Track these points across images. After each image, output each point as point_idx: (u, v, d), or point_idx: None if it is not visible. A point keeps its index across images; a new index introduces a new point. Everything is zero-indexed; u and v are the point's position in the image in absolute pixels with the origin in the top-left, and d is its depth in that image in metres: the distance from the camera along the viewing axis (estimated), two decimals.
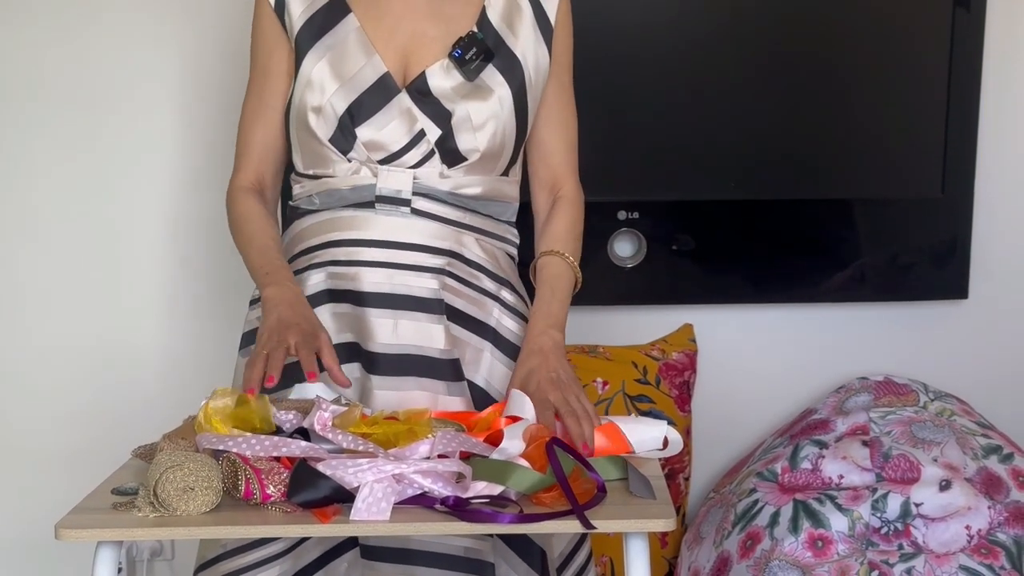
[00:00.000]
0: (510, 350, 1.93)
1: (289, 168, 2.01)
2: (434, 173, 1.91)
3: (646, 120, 2.69)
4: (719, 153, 2.71)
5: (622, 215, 2.69)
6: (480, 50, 1.91)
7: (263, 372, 1.67)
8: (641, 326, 2.79)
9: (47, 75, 2.70)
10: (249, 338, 1.98)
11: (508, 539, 1.85)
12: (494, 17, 1.95)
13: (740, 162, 2.73)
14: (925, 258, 2.80)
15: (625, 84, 2.67)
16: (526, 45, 1.95)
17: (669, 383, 2.71)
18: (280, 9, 1.94)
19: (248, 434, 1.62)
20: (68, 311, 2.77)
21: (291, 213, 2.01)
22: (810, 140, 2.75)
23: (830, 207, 2.76)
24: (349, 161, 1.91)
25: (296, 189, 1.99)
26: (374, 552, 1.81)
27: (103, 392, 2.79)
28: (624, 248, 2.72)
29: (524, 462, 1.60)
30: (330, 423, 1.64)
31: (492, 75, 1.92)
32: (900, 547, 2.40)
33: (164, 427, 1.82)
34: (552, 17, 1.98)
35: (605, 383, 2.64)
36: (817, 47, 2.72)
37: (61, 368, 2.78)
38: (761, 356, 2.88)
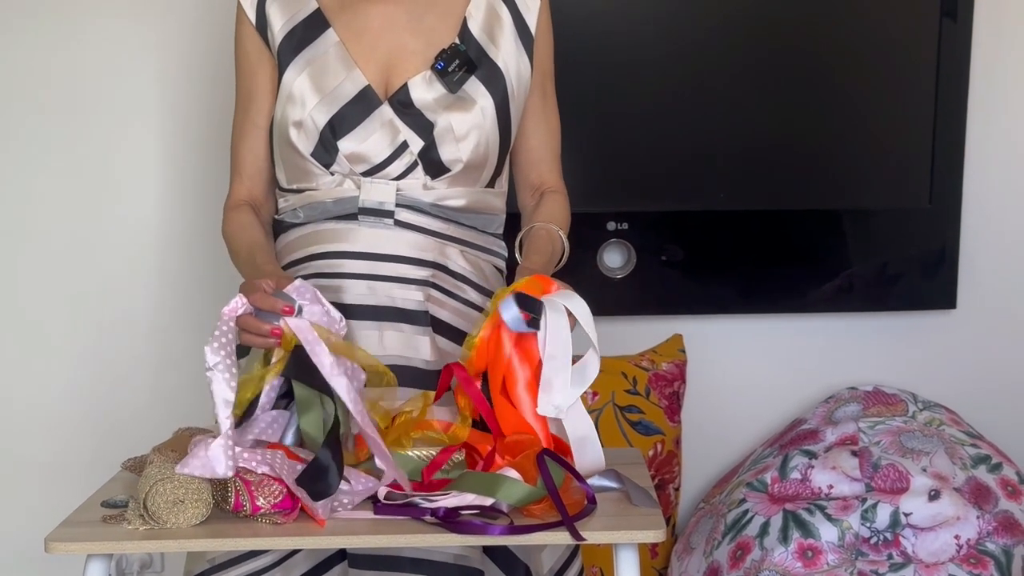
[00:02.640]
0: None
1: (276, 183, 2.01)
2: (417, 185, 1.91)
3: (635, 131, 2.69)
4: (708, 164, 2.72)
5: (611, 226, 2.69)
6: (462, 62, 1.91)
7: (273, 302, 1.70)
8: (630, 336, 2.78)
9: (34, 84, 2.70)
10: (243, 351, 1.98)
11: (493, 553, 1.84)
12: (475, 28, 1.95)
13: (729, 173, 2.73)
14: (913, 268, 2.80)
15: (614, 95, 2.67)
16: (508, 55, 1.95)
17: (659, 393, 2.71)
18: (262, 26, 1.94)
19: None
20: (57, 322, 2.76)
21: (277, 227, 2.01)
22: (799, 151, 2.75)
23: (819, 218, 2.77)
24: (332, 174, 1.91)
25: (281, 203, 1.98)
26: (362, 560, 1.81)
27: (92, 404, 2.78)
28: (613, 259, 2.73)
29: (515, 474, 1.59)
30: (239, 310, 1.70)
31: (474, 86, 1.92)
32: (890, 557, 2.40)
33: (154, 439, 1.81)
34: (532, 26, 1.98)
35: (595, 394, 2.63)
36: (805, 59, 2.73)
37: (50, 379, 2.77)
38: (751, 366, 2.88)
